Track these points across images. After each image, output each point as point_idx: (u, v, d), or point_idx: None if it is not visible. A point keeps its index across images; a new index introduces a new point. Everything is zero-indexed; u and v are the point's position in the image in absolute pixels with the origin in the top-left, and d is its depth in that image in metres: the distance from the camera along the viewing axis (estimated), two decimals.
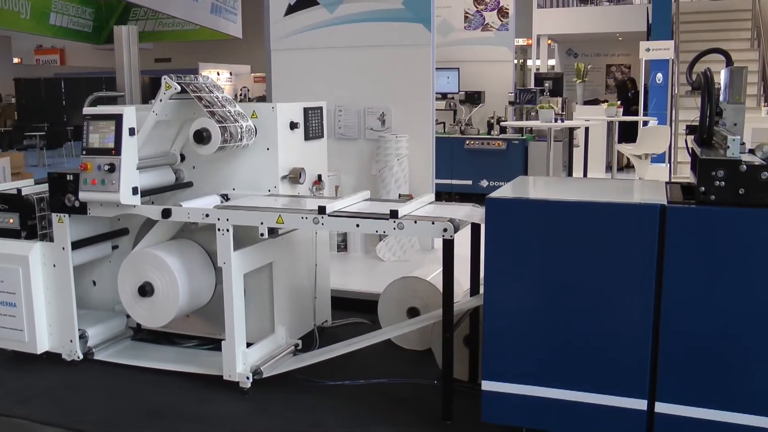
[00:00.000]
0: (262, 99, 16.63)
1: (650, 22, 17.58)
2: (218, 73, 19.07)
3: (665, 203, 3.47)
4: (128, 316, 5.18)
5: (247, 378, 4.59)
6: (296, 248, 5.20)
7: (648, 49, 15.02)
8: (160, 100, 4.74)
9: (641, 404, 3.56)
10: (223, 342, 4.62)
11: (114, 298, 5.16)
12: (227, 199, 4.95)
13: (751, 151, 3.54)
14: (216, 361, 4.70)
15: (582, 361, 3.63)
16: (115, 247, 5.33)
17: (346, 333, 5.22)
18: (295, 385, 4.68)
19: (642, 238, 3.46)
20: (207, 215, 4.55)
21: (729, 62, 4.02)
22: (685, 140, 4.33)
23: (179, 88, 4.73)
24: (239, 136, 4.81)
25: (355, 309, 6.00)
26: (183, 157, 5.11)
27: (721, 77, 3.94)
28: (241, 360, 4.61)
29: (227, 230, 4.48)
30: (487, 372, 3.78)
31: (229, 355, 4.60)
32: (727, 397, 3.44)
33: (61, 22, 15.39)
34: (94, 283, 5.42)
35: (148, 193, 4.85)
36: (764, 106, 13.36)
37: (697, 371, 3.47)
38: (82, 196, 4.71)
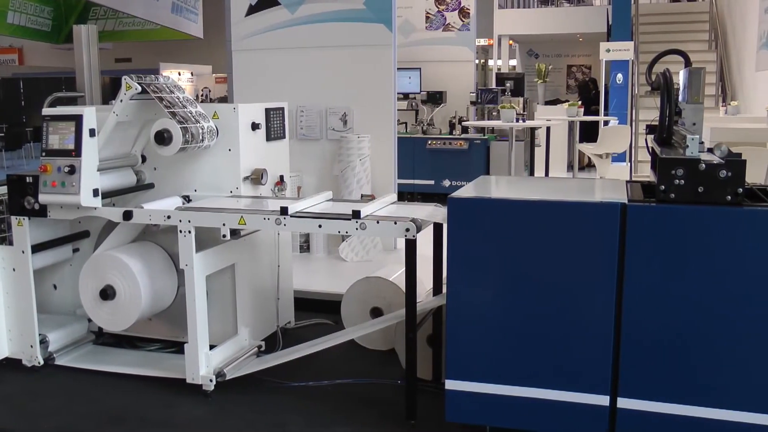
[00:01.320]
0: (223, 99, 16.56)
1: (610, 23, 17.73)
2: (179, 74, 18.94)
3: (626, 202, 3.50)
4: (90, 320, 5.13)
5: (210, 380, 4.56)
6: (259, 249, 5.18)
7: (608, 50, 15.15)
8: (121, 101, 4.71)
9: (603, 400, 3.60)
10: (185, 345, 4.59)
11: (75, 302, 5.11)
12: (189, 201, 4.93)
13: (710, 150, 3.59)
14: (179, 364, 4.67)
15: (545, 359, 3.65)
16: (75, 250, 5.27)
17: (310, 334, 5.21)
18: (258, 387, 4.66)
19: (603, 236, 3.50)
20: (168, 217, 4.53)
21: (687, 63, 4.06)
22: (645, 140, 4.37)
23: (140, 88, 4.70)
24: (200, 137, 4.78)
25: (319, 310, 5.99)
26: (144, 159, 5.08)
27: (680, 78, 3.98)
28: (204, 362, 4.59)
29: (189, 232, 4.46)
30: (450, 371, 3.79)
31: (192, 358, 4.57)
32: (688, 391, 3.48)
33: (19, 20, 15.19)
34: (55, 287, 5.36)
35: (109, 195, 4.81)
36: (722, 106, 13.53)
37: (658, 367, 3.51)
38: (42, 198, 4.66)
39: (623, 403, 3.57)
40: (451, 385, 3.79)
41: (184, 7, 15.83)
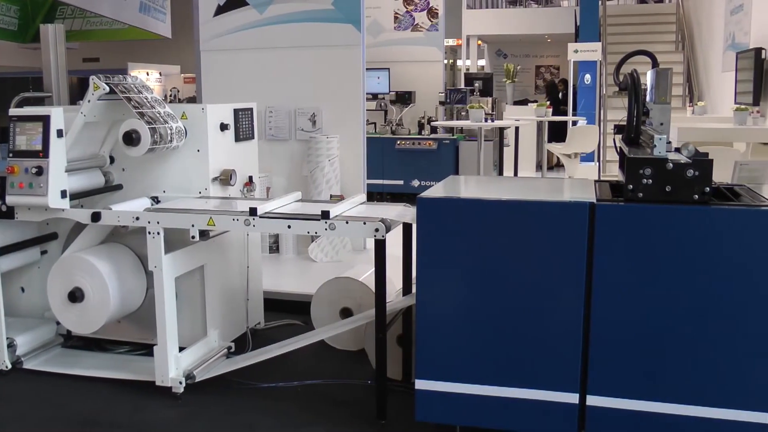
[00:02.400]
0: (192, 100, 16.44)
1: (578, 24, 17.84)
2: (147, 74, 18.77)
3: (594, 201, 3.53)
4: (58, 323, 5.07)
5: (180, 383, 4.55)
6: (228, 250, 5.17)
7: (576, 51, 15.24)
8: (89, 101, 4.68)
9: (573, 398, 3.62)
10: (155, 347, 4.57)
11: (43, 304, 5.06)
12: (158, 202, 4.91)
13: (677, 150, 3.62)
14: (148, 366, 4.65)
15: (514, 358, 3.67)
16: (43, 253, 5.23)
17: (279, 334, 5.21)
18: (228, 389, 4.65)
19: (572, 235, 3.52)
20: (137, 218, 4.50)
21: (655, 64, 4.09)
22: (614, 139, 4.40)
23: (108, 88, 4.67)
24: (169, 138, 4.76)
25: (288, 310, 5.98)
26: (112, 160, 5.05)
27: (648, 78, 4.01)
28: (174, 365, 4.57)
29: (158, 233, 4.44)
30: (420, 371, 3.80)
31: (162, 360, 4.55)
32: (657, 388, 3.52)
33: None
34: (23, 289, 5.31)
35: (77, 197, 4.78)
36: (689, 106, 13.65)
37: (627, 364, 3.54)
38: (9, 200, 4.62)
39: (592, 400, 3.60)
40: (421, 384, 3.79)
41: (152, 6, 15.71)
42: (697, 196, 3.40)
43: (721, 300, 3.40)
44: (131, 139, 4.64)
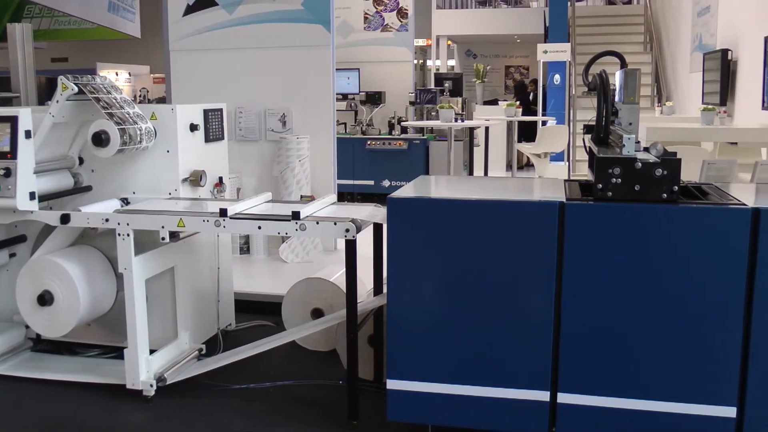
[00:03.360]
0: (161, 100, 16.37)
1: (547, 25, 17.94)
2: (117, 74, 18.66)
3: (564, 200, 3.55)
4: (27, 327, 5.03)
5: (151, 386, 4.52)
6: (198, 252, 5.15)
7: (545, 51, 15.32)
8: (57, 102, 4.64)
9: (544, 396, 3.65)
10: (125, 350, 4.54)
11: (12, 308, 5.01)
12: (127, 203, 4.88)
13: (646, 149, 3.65)
14: (119, 369, 4.61)
15: (485, 357, 3.68)
16: (12, 255, 5.18)
17: (251, 336, 5.20)
18: (199, 391, 4.63)
19: (542, 234, 3.54)
20: (107, 220, 4.47)
21: (623, 64, 4.12)
22: (583, 139, 4.43)
23: (76, 89, 4.64)
24: (138, 139, 4.74)
25: (259, 311, 5.97)
26: (81, 161, 5.01)
27: (616, 79, 4.04)
28: (144, 367, 4.54)
29: (128, 235, 4.41)
30: (391, 371, 3.80)
31: (132, 363, 4.52)
32: (627, 384, 3.55)
33: None
34: None
35: (45, 198, 4.74)
36: (658, 106, 13.75)
37: (597, 362, 3.57)
38: None
39: (563, 398, 3.63)
40: (392, 384, 3.80)
41: (121, 6, 15.63)
42: (665, 195, 3.43)
43: (690, 297, 3.43)
44: (100, 140, 4.61)
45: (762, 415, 3.45)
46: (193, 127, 5.08)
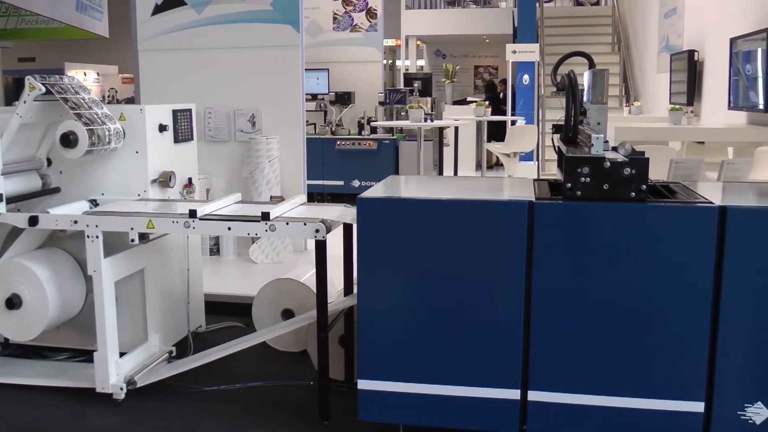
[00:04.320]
0: (130, 101, 16.26)
1: (516, 25, 18.01)
2: (85, 74, 18.49)
3: (533, 200, 3.57)
4: None
5: (121, 389, 4.49)
6: (168, 253, 5.12)
7: (514, 51, 15.37)
8: (24, 102, 4.60)
9: (514, 394, 3.67)
10: (95, 353, 4.51)
11: None
12: (96, 205, 4.84)
13: (615, 149, 3.67)
14: (88, 373, 4.58)
15: (456, 356, 3.69)
16: None
17: (221, 337, 5.19)
18: (170, 393, 4.61)
19: (511, 233, 3.56)
20: (75, 222, 4.44)
21: (591, 65, 4.15)
22: (552, 139, 4.45)
23: (44, 89, 4.60)
24: (107, 139, 4.71)
25: (230, 313, 5.95)
26: (50, 162, 4.96)
27: (585, 79, 4.07)
28: (114, 371, 4.51)
29: (97, 237, 4.38)
30: (362, 371, 3.81)
31: (102, 367, 4.49)
32: (596, 381, 3.58)
33: None
34: None
35: (13, 200, 4.69)
36: (626, 106, 13.84)
37: (567, 359, 3.59)
38: None
39: (534, 396, 3.65)
40: (363, 384, 3.80)
41: (89, 5, 15.50)
42: (633, 194, 3.46)
43: (658, 294, 3.47)
44: (68, 140, 4.57)
45: (728, 409, 3.50)
46: (162, 128, 5.05)
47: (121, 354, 4.61)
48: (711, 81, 9.42)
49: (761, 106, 6.91)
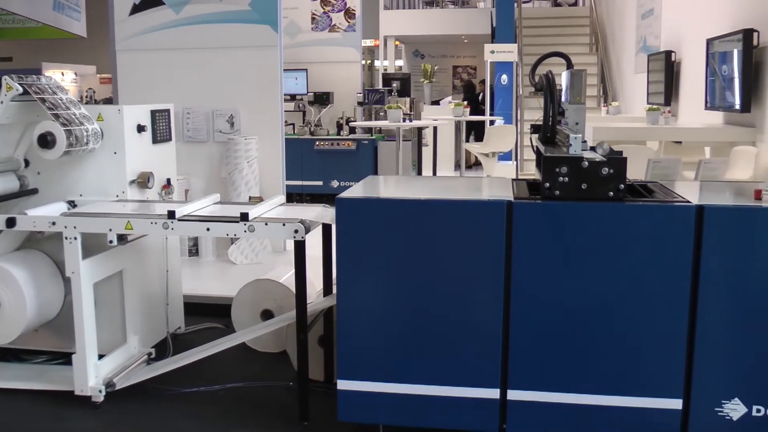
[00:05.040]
0: (108, 101, 16.17)
1: (494, 25, 18.05)
2: (62, 74, 18.38)
3: (512, 199, 3.58)
4: None
5: (100, 391, 4.47)
6: (146, 254, 5.11)
7: (493, 52, 15.40)
8: (2, 102, 4.57)
9: (494, 393, 3.67)
10: (73, 355, 4.48)
11: None
12: (74, 206, 4.82)
13: (593, 149, 3.69)
14: (67, 375, 4.55)
15: (436, 356, 3.70)
16: None
17: (200, 339, 5.17)
18: (149, 395, 4.59)
19: (490, 233, 3.57)
20: (54, 223, 4.41)
21: (569, 65, 4.16)
22: (530, 139, 4.47)
23: (21, 89, 4.57)
24: (85, 140, 4.68)
25: (209, 314, 5.93)
26: (27, 163, 4.93)
27: (563, 79, 4.09)
28: (93, 373, 4.49)
29: (75, 238, 4.36)
30: (342, 371, 3.80)
31: (80, 369, 4.47)
32: (575, 380, 3.60)
33: None
34: None
35: None
36: (604, 106, 13.92)
37: (546, 358, 3.61)
38: None
39: (513, 395, 3.66)
40: (343, 385, 3.80)
41: (67, 4, 15.40)
42: (611, 193, 3.48)
43: (636, 293, 3.49)
44: (46, 141, 4.55)
45: (706, 405, 3.53)
46: (141, 128, 5.03)
47: (100, 356, 4.59)
48: (688, 81, 9.48)
49: (737, 107, 6.96)
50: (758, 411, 3.51)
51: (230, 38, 7.46)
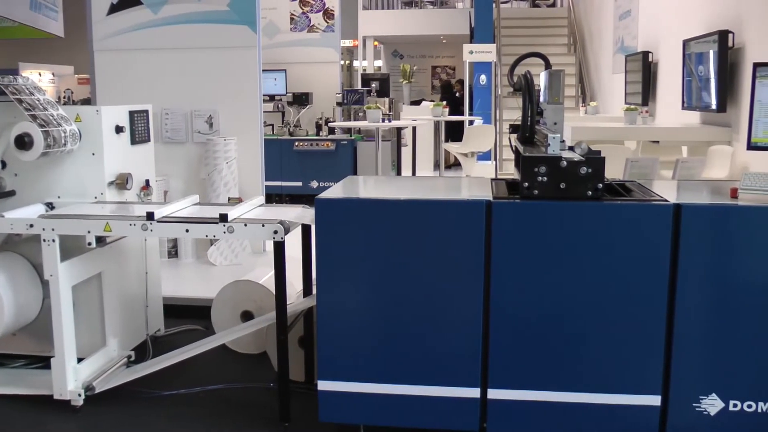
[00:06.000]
0: (86, 102, 16.08)
1: (473, 25, 18.07)
2: (40, 74, 18.23)
3: (491, 199, 3.59)
4: None
5: (79, 395, 4.44)
6: (126, 256, 5.09)
7: (471, 52, 15.40)
8: None
9: (474, 392, 3.69)
10: (52, 359, 4.45)
11: None
12: (52, 208, 4.79)
13: (571, 148, 3.71)
14: (46, 379, 4.52)
15: (416, 356, 3.71)
16: None
17: (180, 341, 5.15)
18: (129, 398, 4.57)
19: (470, 233, 3.58)
20: (31, 225, 4.39)
21: (547, 65, 4.18)
22: (509, 138, 4.48)
23: None
24: (63, 141, 4.66)
25: (189, 316, 5.92)
26: (4, 164, 4.90)
27: (541, 79, 4.10)
28: (72, 377, 4.47)
29: (53, 241, 4.33)
30: (322, 372, 3.81)
31: (59, 373, 4.44)
32: (555, 378, 3.62)
33: None
34: None
35: None
36: (582, 106, 13.96)
37: (526, 357, 3.63)
38: None
39: (493, 393, 3.68)
40: (323, 385, 3.80)
41: (44, 4, 15.29)
42: (590, 193, 3.50)
43: (614, 291, 3.51)
44: (23, 142, 4.52)
45: (684, 401, 3.56)
46: (119, 129, 5.01)
47: (79, 360, 4.56)
48: (665, 82, 9.53)
49: (714, 107, 7.01)
50: (735, 406, 3.55)
51: (209, 38, 7.44)
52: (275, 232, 4.15)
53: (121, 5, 7.58)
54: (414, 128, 12.27)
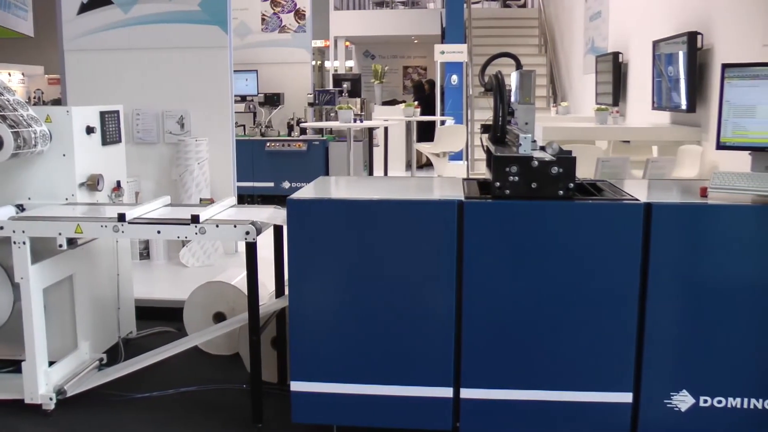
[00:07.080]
0: (56, 102, 15.96)
1: (444, 26, 18.12)
2: (9, 74, 18.08)
3: (463, 199, 3.60)
4: None
5: (51, 399, 4.41)
6: (97, 258, 5.06)
7: (442, 52, 15.44)
8: None
9: (447, 392, 3.70)
10: (23, 363, 4.41)
11: None
12: (23, 210, 4.75)
13: (543, 148, 3.73)
14: (16, 383, 4.47)
15: (388, 356, 3.72)
16: None
17: (153, 343, 5.13)
18: (101, 402, 4.54)
19: (442, 232, 3.59)
20: (1, 228, 4.35)
21: (518, 65, 4.20)
22: (481, 138, 4.50)
23: None
24: (33, 142, 4.62)
25: (161, 318, 5.89)
26: None
27: (512, 79, 4.12)
28: (43, 380, 4.43)
29: (24, 243, 4.30)
30: (295, 373, 3.80)
31: (30, 377, 4.40)
32: (527, 377, 3.65)
33: None
34: None
35: None
36: (553, 106, 14.03)
37: (498, 356, 3.65)
38: None
39: (466, 393, 3.69)
40: (296, 386, 3.80)
41: (13, 3, 15.16)
42: (561, 192, 3.52)
43: (586, 290, 3.54)
44: None
45: (655, 398, 3.60)
46: (90, 130, 4.98)
47: (50, 363, 4.53)
48: (635, 82, 9.60)
49: (683, 107, 7.07)
50: (705, 402, 3.59)
51: (180, 38, 7.40)
52: (247, 233, 4.14)
53: (91, 5, 7.53)
54: (386, 128, 12.29)
